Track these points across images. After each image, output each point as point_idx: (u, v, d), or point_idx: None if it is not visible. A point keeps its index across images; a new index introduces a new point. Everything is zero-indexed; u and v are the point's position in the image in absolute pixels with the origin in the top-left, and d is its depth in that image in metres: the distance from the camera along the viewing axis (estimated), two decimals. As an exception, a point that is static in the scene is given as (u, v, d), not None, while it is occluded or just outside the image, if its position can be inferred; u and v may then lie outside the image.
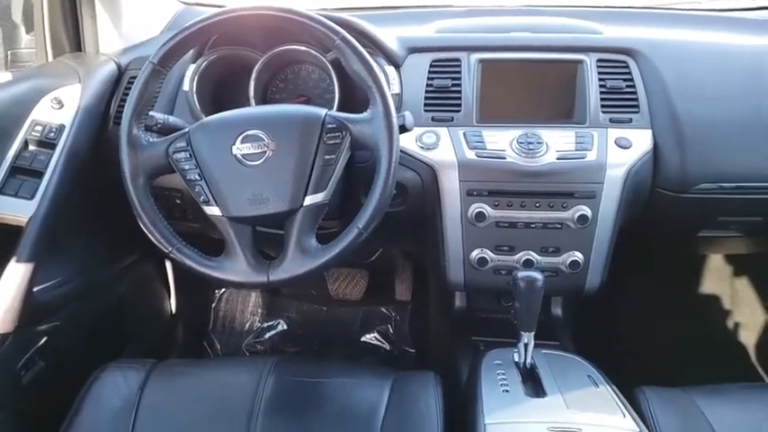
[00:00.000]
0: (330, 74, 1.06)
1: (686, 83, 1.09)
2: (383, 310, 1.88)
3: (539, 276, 0.91)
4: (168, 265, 1.70)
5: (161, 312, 1.69)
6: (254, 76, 1.08)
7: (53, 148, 1.07)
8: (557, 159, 1.03)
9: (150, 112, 0.93)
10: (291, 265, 0.87)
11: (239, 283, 0.89)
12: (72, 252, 1.17)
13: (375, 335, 1.83)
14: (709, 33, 1.28)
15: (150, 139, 0.91)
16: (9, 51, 1.49)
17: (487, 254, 1.09)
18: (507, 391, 0.90)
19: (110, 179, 0.97)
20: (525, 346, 0.95)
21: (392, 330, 1.84)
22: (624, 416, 0.84)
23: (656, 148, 1.05)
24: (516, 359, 0.97)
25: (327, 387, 0.99)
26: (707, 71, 1.12)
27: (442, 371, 1.03)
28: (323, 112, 0.88)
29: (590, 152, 1.03)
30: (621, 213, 1.05)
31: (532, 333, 0.94)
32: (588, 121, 1.07)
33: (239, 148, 0.87)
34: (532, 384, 0.93)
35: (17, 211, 1.02)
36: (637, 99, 1.08)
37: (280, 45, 1.08)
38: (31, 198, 1.03)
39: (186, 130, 0.91)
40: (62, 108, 1.10)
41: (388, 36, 1.13)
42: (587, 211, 1.04)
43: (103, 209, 1.22)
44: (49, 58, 1.31)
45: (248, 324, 1.86)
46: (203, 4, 1.55)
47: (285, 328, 1.86)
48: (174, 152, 0.89)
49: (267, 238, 0.98)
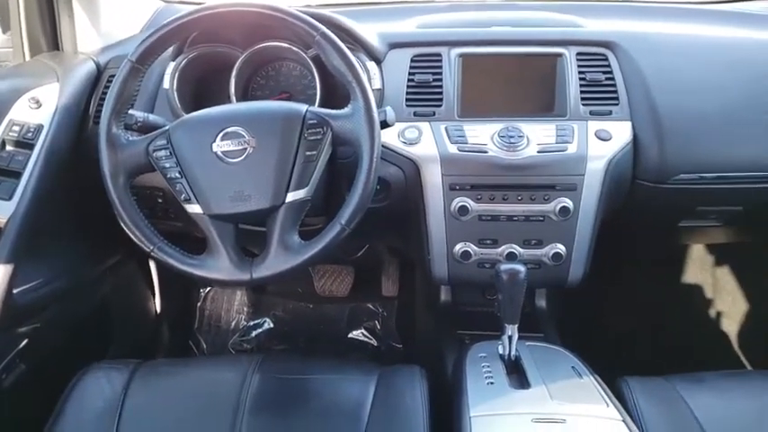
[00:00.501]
0: (311, 70, 1.06)
1: (664, 75, 1.09)
2: (370, 306, 1.88)
3: (521, 269, 0.91)
4: (152, 264, 1.69)
5: (145, 313, 1.68)
6: (234, 73, 1.07)
7: (31, 148, 1.05)
8: (538, 152, 1.04)
9: (130, 111, 0.92)
10: (274, 262, 0.87)
11: (222, 280, 0.89)
12: (53, 253, 1.15)
13: (362, 331, 1.83)
14: (687, 26, 1.30)
15: (130, 138, 0.90)
16: (-15, 51, 1.47)
17: (471, 247, 1.09)
18: (492, 383, 0.91)
19: (90, 179, 0.96)
20: (509, 338, 0.96)
21: (379, 326, 1.84)
22: (608, 405, 0.85)
23: (635, 139, 1.06)
24: (501, 351, 0.97)
25: (313, 383, 0.99)
26: (685, 63, 1.13)
27: (428, 365, 1.04)
28: (304, 108, 0.88)
29: (570, 145, 1.04)
30: (603, 205, 1.06)
31: (516, 325, 0.95)
32: (568, 114, 1.07)
33: (220, 146, 0.86)
34: (517, 376, 0.93)
35: (-5, 211, 1.01)
36: (616, 91, 1.09)
37: (260, 42, 1.07)
38: (9, 199, 1.01)
39: (166, 128, 0.90)
40: (40, 108, 1.09)
41: (369, 32, 1.13)
42: (569, 203, 1.05)
43: (85, 209, 1.21)
44: (27, 57, 1.29)
45: (234, 323, 1.86)
46: (184, 2, 1.54)
47: (271, 326, 1.85)
48: (155, 150, 0.88)
49: (250, 235, 0.98)
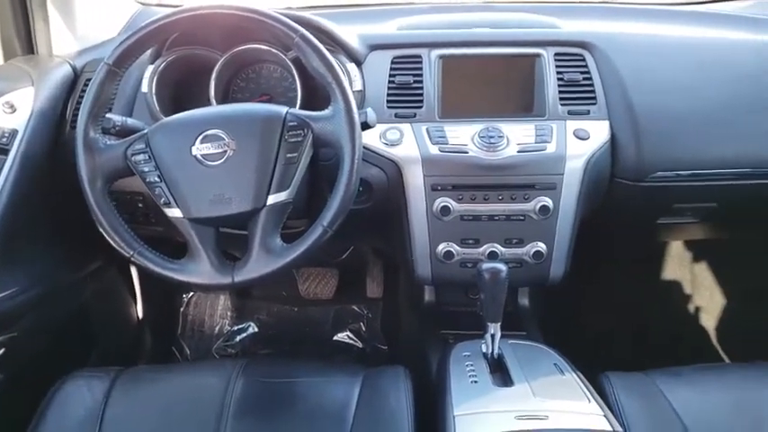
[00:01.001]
0: (292, 72, 1.06)
1: (640, 75, 1.11)
2: (355, 308, 1.88)
3: (503, 268, 0.92)
4: (133, 270, 1.67)
5: (127, 319, 1.66)
6: (214, 76, 1.06)
7: (6, 153, 1.04)
8: (517, 152, 1.05)
9: (107, 115, 0.91)
10: (256, 266, 0.87)
11: (203, 285, 0.89)
12: (29, 260, 1.14)
13: (347, 333, 1.83)
14: (662, 27, 1.32)
15: (108, 142, 0.90)
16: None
17: (453, 247, 1.10)
18: (476, 381, 0.91)
19: (68, 184, 0.95)
20: (492, 336, 0.96)
21: (364, 328, 1.84)
22: (589, 401, 0.86)
23: (613, 138, 1.08)
24: (484, 350, 0.98)
25: (297, 387, 0.98)
26: (660, 63, 1.14)
27: (412, 366, 1.04)
28: (284, 110, 0.88)
29: (549, 144, 1.05)
30: (582, 203, 1.07)
31: (499, 324, 0.95)
32: (547, 114, 1.08)
33: (199, 149, 0.86)
34: (500, 374, 0.94)
35: (-30, 218, 0.99)
36: (594, 91, 1.10)
37: (240, 44, 1.07)
38: None
39: (145, 131, 0.89)
40: (15, 112, 1.07)
41: (349, 34, 1.13)
42: (549, 201, 1.06)
43: (63, 215, 1.19)
44: (0, 61, 1.27)
45: (218, 327, 1.84)
46: (162, 5, 1.53)
47: (256, 330, 1.84)
48: (133, 154, 0.88)
49: (231, 238, 0.98)
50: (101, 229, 0.88)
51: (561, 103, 1.09)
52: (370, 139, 1.06)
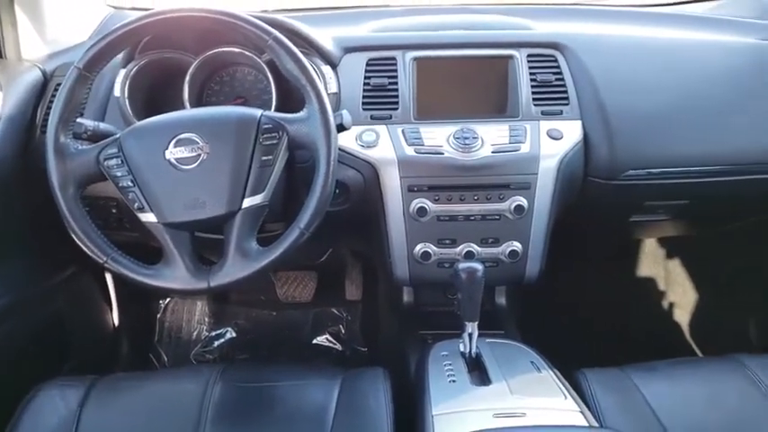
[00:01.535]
0: (266, 75, 1.06)
1: (611, 75, 1.13)
2: (334, 310, 1.88)
3: (479, 267, 0.93)
4: (109, 276, 1.64)
5: (103, 326, 1.63)
6: (187, 79, 1.06)
7: None
8: (492, 153, 1.06)
9: (79, 120, 0.91)
10: (232, 270, 0.86)
11: (179, 290, 0.88)
12: (0, 267, 1.12)
13: (326, 336, 1.82)
14: (632, 28, 1.34)
15: (79, 147, 0.89)
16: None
17: (431, 248, 1.10)
18: (454, 381, 0.92)
19: (39, 190, 0.93)
20: (470, 336, 0.97)
21: (343, 331, 1.83)
22: (566, 398, 0.88)
23: (586, 138, 1.09)
24: (462, 350, 0.99)
25: (276, 391, 0.98)
26: (630, 64, 1.17)
27: (392, 367, 1.04)
28: (258, 112, 0.88)
29: (523, 144, 1.06)
30: (556, 202, 1.09)
31: (476, 323, 0.96)
32: (521, 115, 1.10)
33: (172, 152, 0.85)
34: (478, 373, 0.95)
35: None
36: (566, 92, 1.11)
37: (213, 47, 1.06)
38: None
39: (117, 135, 0.88)
40: (-18, 118, 1.06)
41: (324, 36, 1.13)
42: (523, 201, 1.07)
43: (34, 221, 1.17)
44: (-33, 66, 1.25)
45: (195, 333, 1.82)
46: (136, 8, 1.51)
47: (234, 335, 1.83)
48: (105, 159, 0.87)
49: (207, 243, 0.97)
50: (73, 236, 0.87)
51: (534, 104, 1.10)
52: (347, 141, 1.07)
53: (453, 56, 1.14)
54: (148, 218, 0.86)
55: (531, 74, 1.12)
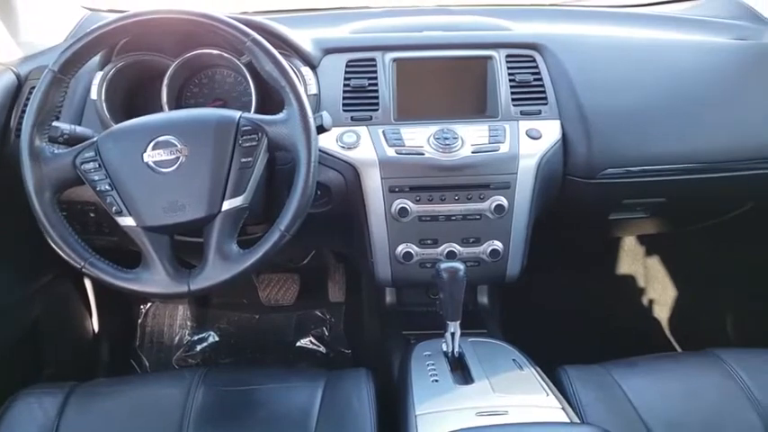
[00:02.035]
0: (246, 77, 1.05)
1: (589, 75, 1.14)
2: (317, 313, 1.87)
3: (460, 267, 0.93)
4: (88, 282, 1.62)
5: (83, 333, 1.61)
6: (166, 82, 1.05)
7: None
8: (472, 153, 1.06)
9: (54, 123, 0.89)
10: (213, 273, 0.86)
11: (159, 294, 0.87)
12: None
13: (310, 339, 1.81)
14: (609, 28, 1.36)
15: (55, 151, 0.87)
16: None
17: (412, 248, 1.11)
18: (437, 380, 0.92)
19: (15, 195, 0.92)
20: (452, 335, 0.98)
21: (327, 333, 1.83)
22: (547, 395, 0.89)
23: (564, 137, 1.10)
24: (444, 349, 0.99)
25: (259, 394, 0.97)
26: (607, 63, 1.18)
27: (376, 368, 1.04)
28: (237, 114, 0.87)
29: (503, 144, 1.07)
30: (536, 201, 1.10)
31: (458, 322, 0.97)
32: (500, 115, 1.10)
33: (151, 155, 0.84)
34: (461, 372, 0.95)
35: None
36: (544, 92, 1.12)
37: (192, 49, 1.05)
38: None
39: (94, 139, 0.87)
40: (-46, 122, 1.04)
41: (303, 37, 1.13)
42: (503, 200, 1.07)
43: (10, 227, 1.15)
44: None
45: (177, 338, 1.81)
46: (114, 10, 1.49)
47: (217, 339, 1.81)
48: (82, 163, 0.86)
49: (188, 246, 0.96)
50: (49, 241, 0.86)
51: (513, 104, 1.11)
52: (327, 142, 1.06)
53: (433, 57, 1.14)
54: (127, 222, 0.85)
55: (510, 74, 1.13)
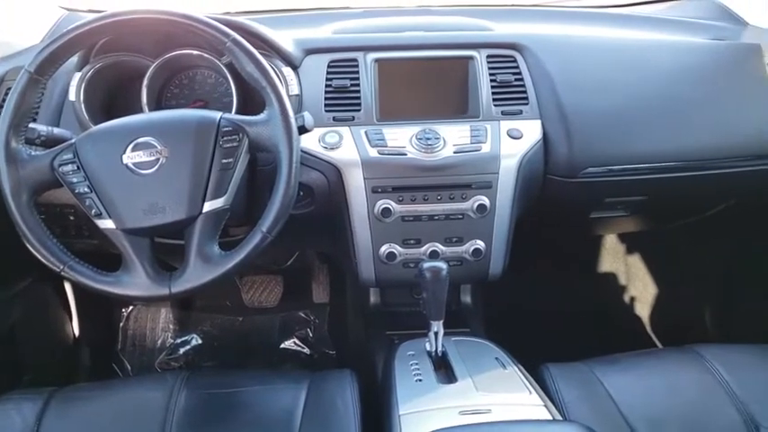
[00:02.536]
0: (227, 77, 1.05)
1: (569, 75, 1.15)
2: (301, 314, 1.86)
3: (443, 266, 0.94)
4: (68, 286, 1.60)
5: (63, 337, 1.59)
6: (145, 83, 1.04)
7: None
8: (454, 153, 1.06)
9: (31, 125, 0.88)
10: (194, 275, 0.85)
11: (139, 297, 0.86)
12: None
13: (294, 340, 1.80)
14: (589, 29, 1.37)
15: (33, 153, 0.86)
16: None
17: (396, 248, 1.11)
18: (420, 380, 0.93)
19: None
20: (436, 334, 0.98)
21: (311, 334, 1.82)
22: (530, 393, 0.89)
23: (545, 137, 1.11)
24: (428, 348, 1.00)
25: (242, 396, 0.97)
26: (587, 64, 1.19)
27: (360, 368, 1.04)
28: (217, 115, 0.87)
29: (484, 144, 1.07)
30: (517, 201, 1.10)
31: (441, 321, 0.97)
32: (482, 115, 1.11)
33: (130, 157, 0.84)
34: (444, 371, 0.96)
35: None
36: (525, 92, 1.13)
37: (172, 50, 1.05)
38: None
39: (73, 140, 0.86)
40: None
41: (284, 38, 1.13)
42: (485, 200, 1.08)
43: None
44: None
45: (160, 341, 1.79)
46: (93, 10, 1.48)
47: (200, 342, 1.80)
48: (60, 165, 0.85)
49: (169, 248, 0.95)
50: (27, 244, 0.85)
51: (495, 104, 1.12)
52: (310, 143, 1.06)
53: (414, 57, 1.15)
54: (107, 224, 0.85)
55: (491, 74, 1.13)
